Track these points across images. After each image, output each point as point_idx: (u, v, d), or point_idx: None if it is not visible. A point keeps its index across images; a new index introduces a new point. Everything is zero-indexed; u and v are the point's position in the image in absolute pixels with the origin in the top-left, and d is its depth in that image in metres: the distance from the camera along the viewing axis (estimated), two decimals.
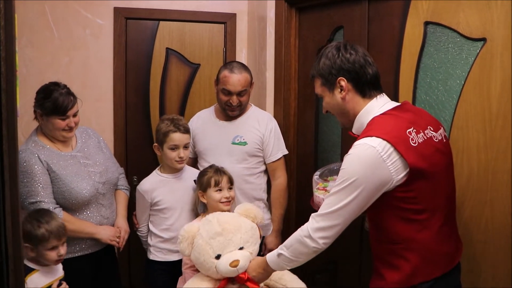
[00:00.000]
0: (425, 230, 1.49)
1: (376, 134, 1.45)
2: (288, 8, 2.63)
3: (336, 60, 1.56)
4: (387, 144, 1.43)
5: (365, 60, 1.57)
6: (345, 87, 1.56)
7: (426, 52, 2.01)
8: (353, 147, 1.50)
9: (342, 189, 1.47)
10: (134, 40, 3.08)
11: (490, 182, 1.80)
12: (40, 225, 1.83)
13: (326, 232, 1.51)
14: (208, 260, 1.84)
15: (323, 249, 1.55)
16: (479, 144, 1.81)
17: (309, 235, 1.52)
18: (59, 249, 1.86)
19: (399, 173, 1.43)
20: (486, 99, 1.79)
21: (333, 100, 1.61)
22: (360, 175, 1.44)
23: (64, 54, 2.96)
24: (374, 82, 1.58)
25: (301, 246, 1.56)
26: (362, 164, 1.44)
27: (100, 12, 2.99)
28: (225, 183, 2.18)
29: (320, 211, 1.53)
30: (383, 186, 1.44)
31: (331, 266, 2.55)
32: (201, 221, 1.98)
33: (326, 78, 1.59)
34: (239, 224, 1.91)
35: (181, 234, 1.90)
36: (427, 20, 1.98)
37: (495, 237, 1.79)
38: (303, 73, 2.67)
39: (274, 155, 2.48)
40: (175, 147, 2.22)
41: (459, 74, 1.89)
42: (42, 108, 2.04)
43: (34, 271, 1.85)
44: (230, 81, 2.37)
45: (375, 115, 1.55)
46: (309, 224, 1.55)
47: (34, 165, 2.00)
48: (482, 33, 1.80)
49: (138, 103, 3.13)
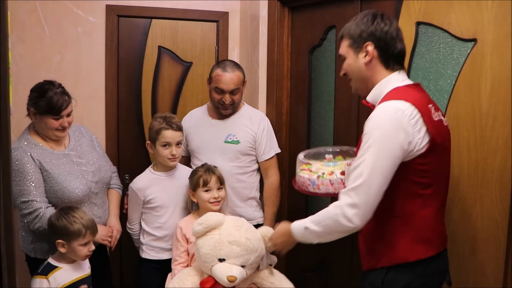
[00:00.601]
0: (427, 207, 1.50)
1: (404, 99, 1.46)
2: (281, 7, 2.64)
3: (369, 25, 1.57)
4: (415, 110, 1.44)
5: (397, 34, 1.58)
6: (370, 52, 1.56)
7: (418, 52, 2.03)
8: (377, 109, 1.48)
9: (367, 150, 1.44)
10: (126, 38, 3.07)
11: (480, 180, 1.83)
12: (76, 221, 1.88)
13: (360, 209, 1.44)
14: (211, 257, 1.84)
15: (358, 228, 1.48)
16: (469, 143, 1.84)
17: (344, 213, 1.46)
18: (91, 244, 1.92)
19: (422, 142, 1.45)
20: (477, 98, 1.82)
21: (355, 63, 1.61)
22: (386, 134, 1.42)
23: (56, 52, 2.93)
24: (399, 57, 1.59)
25: (335, 225, 1.50)
26: (389, 123, 1.43)
27: (92, 10, 2.97)
28: (214, 183, 2.19)
29: (350, 185, 1.47)
30: (407, 151, 1.43)
31: (323, 264, 2.57)
32: (229, 218, 1.95)
33: (355, 39, 1.59)
34: (258, 248, 1.89)
35: (207, 219, 1.86)
36: (419, 20, 2.00)
37: (485, 234, 1.82)
38: (295, 71, 2.68)
39: (267, 154, 2.48)
40: (168, 145, 2.23)
41: (450, 74, 1.92)
42: (36, 107, 2.02)
43: (57, 268, 1.90)
44: (223, 80, 2.37)
45: (397, 86, 1.55)
46: (342, 201, 1.48)
47: (27, 164, 1.98)
48: (473, 34, 1.82)
49: (130, 101, 3.12)
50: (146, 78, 3.13)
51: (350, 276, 2.41)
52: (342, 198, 1.49)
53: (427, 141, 1.45)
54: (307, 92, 2.62)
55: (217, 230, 1.87)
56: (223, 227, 1.87)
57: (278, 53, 2.67)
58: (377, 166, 1.43)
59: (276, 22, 2.65)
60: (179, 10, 3.11)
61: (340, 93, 2.42)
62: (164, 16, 3.10)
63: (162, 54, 3.14)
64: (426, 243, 1.52)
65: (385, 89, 1.56)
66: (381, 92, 1.56)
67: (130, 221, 2.35)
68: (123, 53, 3.07)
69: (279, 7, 2.64)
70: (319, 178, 1.73)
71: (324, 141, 2.56)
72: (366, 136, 1.46)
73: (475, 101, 1.82)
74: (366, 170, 1.43)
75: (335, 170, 1.78)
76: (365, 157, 1.45)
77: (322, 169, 1.81)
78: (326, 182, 1.71)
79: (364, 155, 1.45)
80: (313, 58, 2.59)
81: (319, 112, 2.59)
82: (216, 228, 1.87)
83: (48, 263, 1.92)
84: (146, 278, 2.30)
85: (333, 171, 1.76)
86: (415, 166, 1.46)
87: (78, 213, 1.92)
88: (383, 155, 1.42)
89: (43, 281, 1.86)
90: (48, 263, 1.92)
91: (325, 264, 2.56)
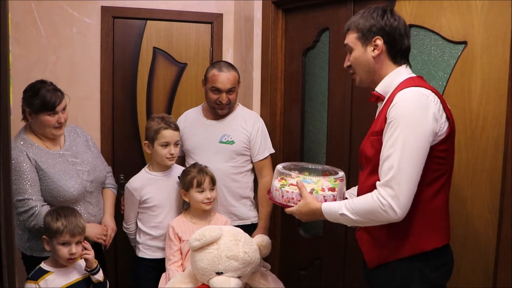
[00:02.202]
0: (441, 195, 1.52)
1: (424, 86, 1.49)
2: (275, 9, 2.67)
3: (379, 20, 1.58)
4: (436, 97, 1.47)
5: (405, 31, 1.60)
6: (380, 46, 1.58)
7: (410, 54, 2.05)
8: (399, 95, 1.47)
9: (397, 138, 1.42)
10: (121, 39, 3.08)
11: (471, 179, 1.87)
12: (58, 218, 1.87)
13: (400, 199, 1.41)
14: (208, 270, 1.86)
15: (401, 218, 1.44)
16: (460, 143, 1.87)
17: (385, 205, 1.43)
18: (72, 246, 1.88)
19: (444, 126, 1.47)
20: (467, 100, 1.86)
21: (363, 56, 1.61)
22: (416, 119, 1.42)
23: (51, 53, 2.94)
24: (405, 53, 1.62)
25: (375, 216, 1.47)
26: (418, 108, 1.43)
27: (88, 11, 2.98)
28: (207, 184, 2.22)
29: (385, 177, 1.44)
30: (434, 135, 1.44)
31: (316, 262, 2.60)
32: (227, 231, 1.94)
33: (364, 33, 1.60)
34: (255, 259, 1.92)
35: (204, 235, 1.87)
36: (411, 23, 2.03)
37: (475, 232, 1.87)
38: (289, 73, 2.71)
39: (261, 154, 2.51)
40: (167, 144, 2.25)
41: (441, 76, 1.96)
42: (31, 106, 2.04)
43: (49, 273, 1.89)
44: (219, 79, 2.40)
45: (409, 76, 1.58)
46: (382, 193, 1.45)
47: (23, 163, 2.00)
48: (463, 37, 1.87)
49: (125, 101, 3.13)
50: (141, 78, 3.15)
51: (343, 274, 2.44)
52: (380, 191, 1.45)
53: (447, 126, 1.48)
54: (301, 93, 2.65)
55: (215, 244, 1.88)
56: (221, 241, 1.88)
57: (272, 54, 2.70)
58: (410, 153, 1.41)
59: (270, 24, 2.68)
60: (174, 11, 3.13)
61: (333, 94, 2.46)
62: (159, 17, 3.12)
63: (157, 55, 3.15)
64: (440, 232, 1.54)
65: (396, 79, 1.58)
66: (392, 83, 1.58)
67: (126, 221, 2.36)
68: (118, 54, 3.08)
69: (273, 9, 2.67)
70: (311, 194, 1.73)
71: (317, 142, 2.60)
72: (392, 123, 1.44)
73: (466, 102, 1.86)
74: (399, 159, 1.41)
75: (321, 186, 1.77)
76: (396, 145, 1.42)
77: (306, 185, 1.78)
78: (320, 198, 1.69)
79: (394, 144, 1.43)
80: (306, 60, 2.62)
81: (312, 113, 2.62)
82: (213, 242, 1.88)
83: (40, 267, 1.91)
84: (143, 277, 2.31)
85: (323, 187, 1.76)
86: (435, 153, 1.46)
87: (66, 213, 1.91)
88: (414, 141, 1.41)
89: (32, 286, 1.85)
90: (39, 267, 1.92)
91: (318, 262, 2.59)
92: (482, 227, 1.85)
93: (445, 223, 1.57)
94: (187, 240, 2.16)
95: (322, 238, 2.56)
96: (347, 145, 2.38)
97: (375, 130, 1.55)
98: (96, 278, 1.97)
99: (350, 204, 1.54)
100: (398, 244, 1.53)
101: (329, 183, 1.76)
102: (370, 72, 1.63)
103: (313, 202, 1.66)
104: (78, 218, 1.93)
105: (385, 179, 1.44)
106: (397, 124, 1.44)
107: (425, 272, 1.51)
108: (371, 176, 1.55)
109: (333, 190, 1.74)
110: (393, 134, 1.44)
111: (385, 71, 1.61)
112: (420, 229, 1.51)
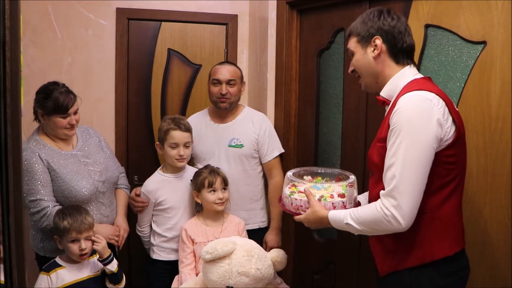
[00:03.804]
0: (451, 201, 1.46)
1: (427, 89, 1.43)
2: (289, 10, 2.65)
3: (376, 20, 1.56)
4: (440, 99, 1.42)
5: (405, 29, 1.57)
6: (379, 46, 1.55)
7: (427, 54, 2.03)
8: (401, 101, 1.43)
9: (399, 146, 1.38)
10: (136, 40, 3.10)
11: (489, 184, 1.81)
12: (64, 218, 1.93)
13: (404, 209, 1.38)
14: (219, 284, 1.84)
15: (406, 228, 1.41)
16: (478, 146, 1.82)
17: (388, 216, 1.40)
18: (81, 242, 1.94)
19: (450, 131, 1.42)
20: (486, 102, 1.80)
21: (364, 58, 1.59)
22: (418, 125, 1.37)
23: (67, 54, 2.97)
24: (408, 52, 1.58)
25: (380, 226, 1.44)
26: (420, 113, 1.38)
27: (103, 13, 3.00)
28: (219, 184, 2.21)
29: (388, 186, 1.41)
30: (438, 141, 1.39)
31: (330, 267, 2.56)
32: (240, 244, 1.89)
33: (363, 35, 1.58)
34: (267, 276, 1.89)
35: (216, 249, 1.83)
36: (428, 23, 1.99)
37: (494, 239, 1.81)
38: (303, 74, 2.68)
39: (270, 155, 2.50)
40: (175, 145, 2.25)
41: (459, 77, 1.91)
42: (43, 108, 2.06)
43: (61, 267, 1.97)
44: (219, 71, 2.46)
45: (414, 78, 1.53)
46: (385, 203, 1.42)
47: (35, 164, 2.02)
48: (482, 36, 1.81)
49: (140, 103, 3.15)
50: (156, 80, 3.16)
51: (357, 278, 2.40)
52: (383, 201, 1.43)
53: (453, 130, 1.43)
54: (315, 94, 2.62)
55: (227, 258, 1.84)
56: (233, 255, 1.85)
57: (286, 55, 2.68)
58: (412, 162, 1.37)
59: (285, 25, 2.65)
60: (188, 13, 3.14)
61: (348, 95, 2.42)
62: (173, 19, 3.13)
63: (172, 56, 3.16)
64: (452, 239, 1.49)
65: (400, 82, 1.53)
66: (397, 86, 1.54)
67: (140, 224, 2.36)
68: (133, 55, 3.10)
69: (287, 10, 2.65)
70: (320, 201, 1.69)
71: (332, 144, 2.56)
72: (394, 130, 1.40)
73: (484, 104, 1.81)
74: (401, 169, 1.38)
75: (331, 193, 1.74)
76: (398, 154, 1.39)
77: (314, 192, 1.73)
78: (329, 206, 1.66)
79: (396, 153, 1.39)
80: (321, 61, 2.59)
81: (327, 115, 2.59)
82: (226, 256, 1.85)
83: (54, 261, 1.99)
84: (157, 279, 2.31)
85: (332, 194, 1.73)
86: (442, 158, 1.42)
87: (72, 211, 1.96)
88: (417, 148, 1.37)
89: (43, 277, 1.94)
90: (54, 261, 1.99)
91: (332, 266, 2.55)
92: (500, 233, 1.79)
93: (457, 230, 1.52)
94: (200, 242, 2.15)
95: (336, 242, 2.52)
96: (362, 147, 2.34)
97: (381, 137, 1.52)
98: (109, 268, 1.99)
99: (355, 213, 1.51)
100: (407, 253, 1.49)
101: (340, 189, 1.73)
102: (373, 75, 1.60)
103: (321, 210, 1.64)
104: (84, 215, 1.97)
105: (388, 189, 1.42)
106: (398, 131, 1.40)
107: (435, 279, 1.47)
108: (380, 183, 1.51)
109: (343, 197, 1.70)
110: (395, 142, 1.40)
111: (389, 73, 1.57)
112: (430, 237, 1.47)
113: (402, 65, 1.57)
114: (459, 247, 1.51)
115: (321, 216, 1.63)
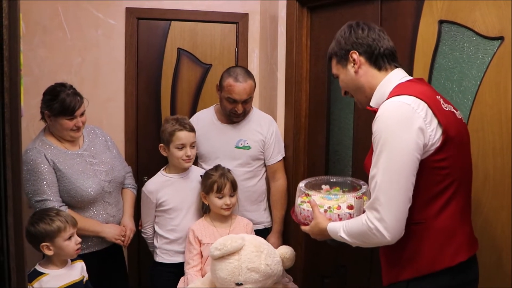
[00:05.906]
0: (449, 208, 1.40)
1: (408, 93, 1.39)
2: (300, 7, 2.60)
3: (348, 36, 1.55)
4: (422, 102, 1.37)
5: (379, 34, 1.54)
6: (357, 60, 1.53)
7: (441, 51, 1.96)
8: (380, 108, 1.40)
9: (379, 156, 1.35)
10: (145, 40, 3.08)
11: (507, 186, 1.74)
12: (53, 219, 1.85)
13: (387, 222, 1.34)
14: (228, 281, 1.81)
15: (393, 240, 1.37)
16: (495, 147, 1.75)
17: (373, 228, 1.37)
18: (76, 236, 1.89)
19: (435, 135, 1.35)
20: (503, 100, 1.73)
21: (347, 76, 1.57)
22: (396, 133, 1.33)
23: (76, 54, 2.97)
24: (389, 55, 1.54)
25: (368, 239, 1.41)
26: (397, 121, 1.34)
27: (112, 13, 2.99)
28: (227, 190, 2.18)
29: (372, 200, 1.38)
30: (422, 147, 1.34)
31: (341, 270, 2.51)
32: (249, 241, 1.87)
33: (340, 54, 1.58)
34: (276, 272, 1.87)
35: (225, 245, 1.81)
36: (442, 19, 1.92)
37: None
38: (314, 73, 2.63)
39: (275, 158, 2.49)
40: (182, 146, 2.22)
41: (475, 75, 1.84)
42: (50, 109, 2.06)
43: (43, 275, 1.85)
44: (236, 91, 2.34)
45: (399, 82, 1.49)
46: (369, 216, 1.39)
47: (41, 164, 2.02)
48: (499, 32, 1.74)
49: (149, 103, 3.13)
50: (165, 80, 3.14)
51: (368, 283, 2.34)
52: (367, 213, 1.40)
53: (440, 133, 1.36)
54: (327, 94, 2.56)
55: (236, 255, 1.82)
56: (242, 251, 1.83)
57: (297, 54, 2.63)
58: (393, 172, 1.34)
59: (295, 23, 2.60)
60: (198, 12, 3.11)
61: None
62: (183, 18, 3.10)
63: (181, 56, 3.14)
64: (453, 249, 1.40)
65: (387, 89, 1.50)
66: (384, 93, 1.50)
67: (143, 225, 2.35)
68: (143, 55, 3.08)
69: (298, 8, 2.59)
70: (326, 212, 1.66)
71: (343, 145, 2.51)
72: (375, 139, 1.39)
73: (502, 103, 1.73)
74: (381, 179, 1.35)
75: (340, 204, 1.71)
76: (379, 164, 1.36)
77: (324, 202, 1.71)
78: (335, 217, 1.62)
79: (377, 162, 1.37)
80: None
81: (338, 115, 2.53)
82: (235, 252, 1.82)
83: (34, 269, 1.86)
84: (161, 282, 2.28)
85: (340, 205, 1.69)
86: (432, 164, 1.36)
87: (53, 211, 1.89)
88: (396, 159, 1.34)
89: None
90: (34, 269, 1.86)
91: (342, 270, 2.50)
92: None
93: (461, 238, 1.42)
94: (207, 243, 2.12)
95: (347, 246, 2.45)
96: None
97: (372, 146, 1.47)
98: None
99: (347, 226, 1.49)
100: (404, 264, 1.44)
101: (352, 200, 1.69)
102: (360, 89, 1.57)
103: (322, 222, 1.62)
104: (61, 210, 1.93)
105: (370, 201, 1.39)
106: (377, 140, 1.37)
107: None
108: None
109: (351, 208, 1.66)
110: (375, 152, 1.38)
111: (374, 82, 1.53)
112: (428, 248, 1.40)
113: (386, 71, 1.54)
114: (465, 257, 1.42)
115: (322, 228, 1.61)
